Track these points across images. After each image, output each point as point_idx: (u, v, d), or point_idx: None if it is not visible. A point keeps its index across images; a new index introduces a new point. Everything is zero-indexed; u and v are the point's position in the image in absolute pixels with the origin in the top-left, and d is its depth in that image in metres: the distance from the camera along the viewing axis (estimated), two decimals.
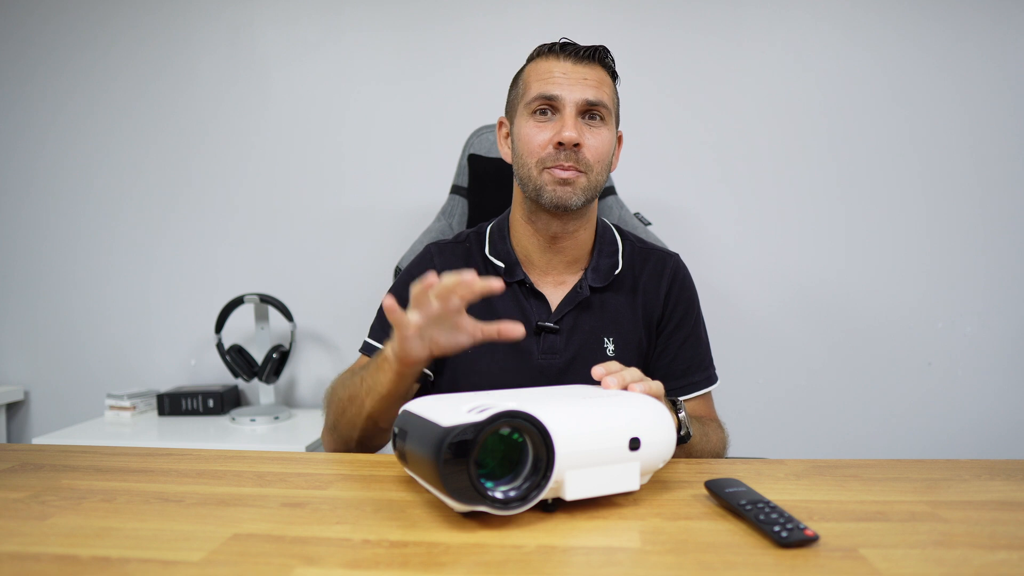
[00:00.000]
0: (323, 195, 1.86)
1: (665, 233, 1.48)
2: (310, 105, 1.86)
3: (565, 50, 0.97)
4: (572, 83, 0.95)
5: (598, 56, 0.97)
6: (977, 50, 1.71)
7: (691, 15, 1.76)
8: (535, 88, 0.96)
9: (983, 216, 1.72)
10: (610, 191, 1.39)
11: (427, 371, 1.04)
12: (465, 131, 1.45)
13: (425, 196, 1.77)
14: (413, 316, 0.77)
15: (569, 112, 0.94)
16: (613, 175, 1.42)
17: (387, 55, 1.83)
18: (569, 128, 0.93)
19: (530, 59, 1.02)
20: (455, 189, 1.39)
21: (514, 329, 0.78)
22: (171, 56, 1.89)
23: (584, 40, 1.01)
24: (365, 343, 1.06)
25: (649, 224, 1.37)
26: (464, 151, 1.40)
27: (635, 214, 1.37)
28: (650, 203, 1.68)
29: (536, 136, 0.96)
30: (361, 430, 0.92)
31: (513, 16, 1.79)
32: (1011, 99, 1.70)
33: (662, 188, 1.77)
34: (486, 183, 1.36)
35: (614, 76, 1.02)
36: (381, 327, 1.06)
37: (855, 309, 1.75)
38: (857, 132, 1.74)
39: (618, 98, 1.03)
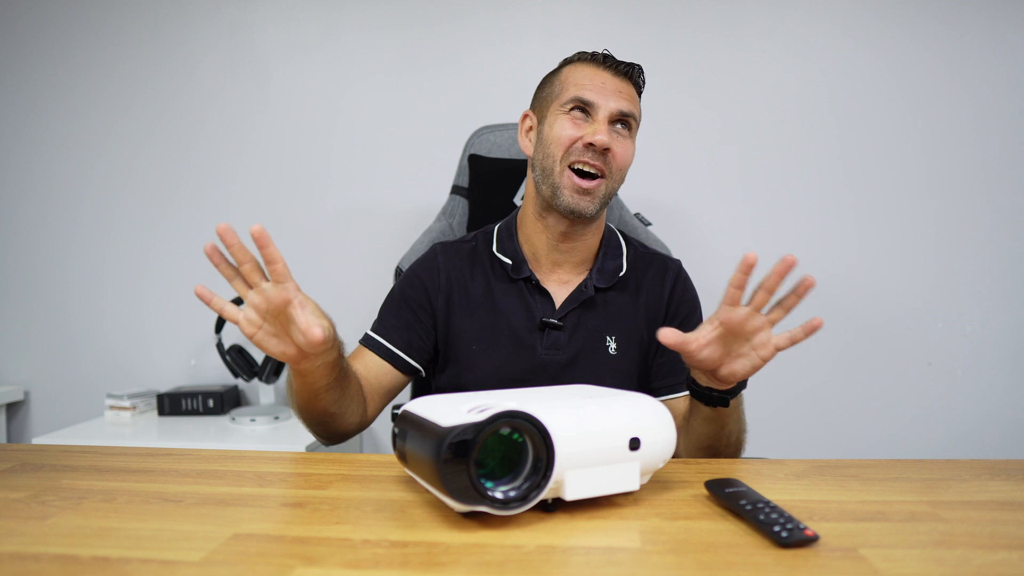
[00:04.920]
0: (323, 195, 1.86)
1: (665, 233, 1.48)
2: (310, 105, 1.86)
3: (607, 61, 1.00)
4: (609, 93, 0.98)
5: (634, 73, 1.01)
6: (981, 48, 1.71)
7: (692, 13, 1.76)
8: (573, 90, 0.99)
9: (983, 216, 1.72)
10: None
11: (415, 363, 1.04)
12: (466, 131, 1.45)
13: (425, 196, 1.77)
14: (246, 314, 0.75)
15: (602, 118, 0.97)
16: None
17: (387, 55, 1.83)
18: (602, 132, 0.96)
19: (568, 62, 1.04)
20: (455, 189, 1.39)
21: (314, 333, 0.69)
22: (170, 55, 1.89)
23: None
24: (365, 334, 1.06)
25: (649, 224, 1.37)
26: (464, 151, 1.40)
27: (635, 214, 1.37)
28: (650, 203, 1.68)
29: (568, 130, 0.98)
30: (316, 423, 0.92)
31: (514, 16, 1.79)
32: (1015, 97, 1.70)
33: (661, 188, 1.77)
34: (486, 183, 1.36)
35: (639, 93, 1.05)
36: (381, 321, 1.07)
37: (855, 309, 1.75)
38: (859, 131, 1.74)
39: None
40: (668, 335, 0.73)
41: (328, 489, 0.67)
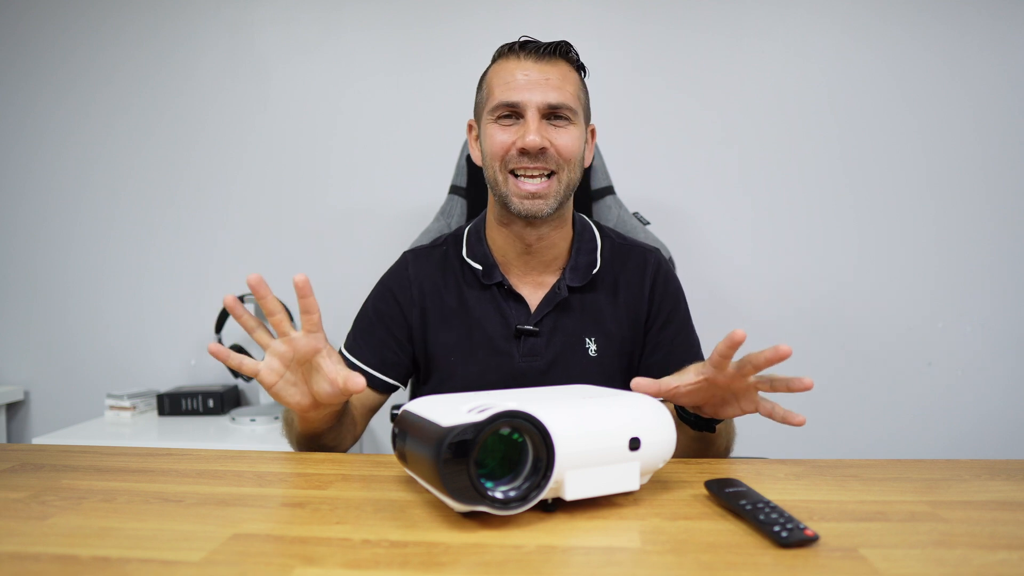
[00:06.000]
0: (323, 195, 1.86)
1: (665, 233, 1.48)
2: (309, 105, 1.86)
3: (525, 48, 0.94)
4: (533, 86, 0.92)
5: (560, 52, 0.95)
6: (981, 48, 1.71)
7: (692, 13, 1.76)
8: (497, 94, 0.94)
9: (984, 216, 1.72)
10: (608, 191, 1.39)
11: (392, 381, 1.03)
12: (464, 131, 1.45)
13: (425, 196, 1.77)
14: (268, 364, 0.74)
15: (531, 116, 0.92)
16: (612, 174, 1.42)
17: (387, 55, 1.83)
18: (532, 133, 0.91)
19: (493, 60, 1.00)
20: (454, 189, 1.39)
21: (356, 383, 0.71)
22: (170, 55, 1.89)
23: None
24: (339, 352, 1.03)
25: (648, 224, 1.37)
26: (463, 151, 1.40)
27: (634, 214, 1.37)
28: (650, 203, 1.68)
29: (499, 138, 0.94)
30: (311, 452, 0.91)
31: (514, 16, 1.79)
32: (1015, 97, 1.70)
33: (661, 188, 1.77)
34: (484, 183, 1.36)
35: (580, 69, 0.99)
36: (354, 340, 1.04)
37: (856, 309, 1.75)
38: (859, 131, 1.74)
39: (587, 92, 1.00)
40: (641, 385, 0.71)
41: (328, 489, 0.67)
